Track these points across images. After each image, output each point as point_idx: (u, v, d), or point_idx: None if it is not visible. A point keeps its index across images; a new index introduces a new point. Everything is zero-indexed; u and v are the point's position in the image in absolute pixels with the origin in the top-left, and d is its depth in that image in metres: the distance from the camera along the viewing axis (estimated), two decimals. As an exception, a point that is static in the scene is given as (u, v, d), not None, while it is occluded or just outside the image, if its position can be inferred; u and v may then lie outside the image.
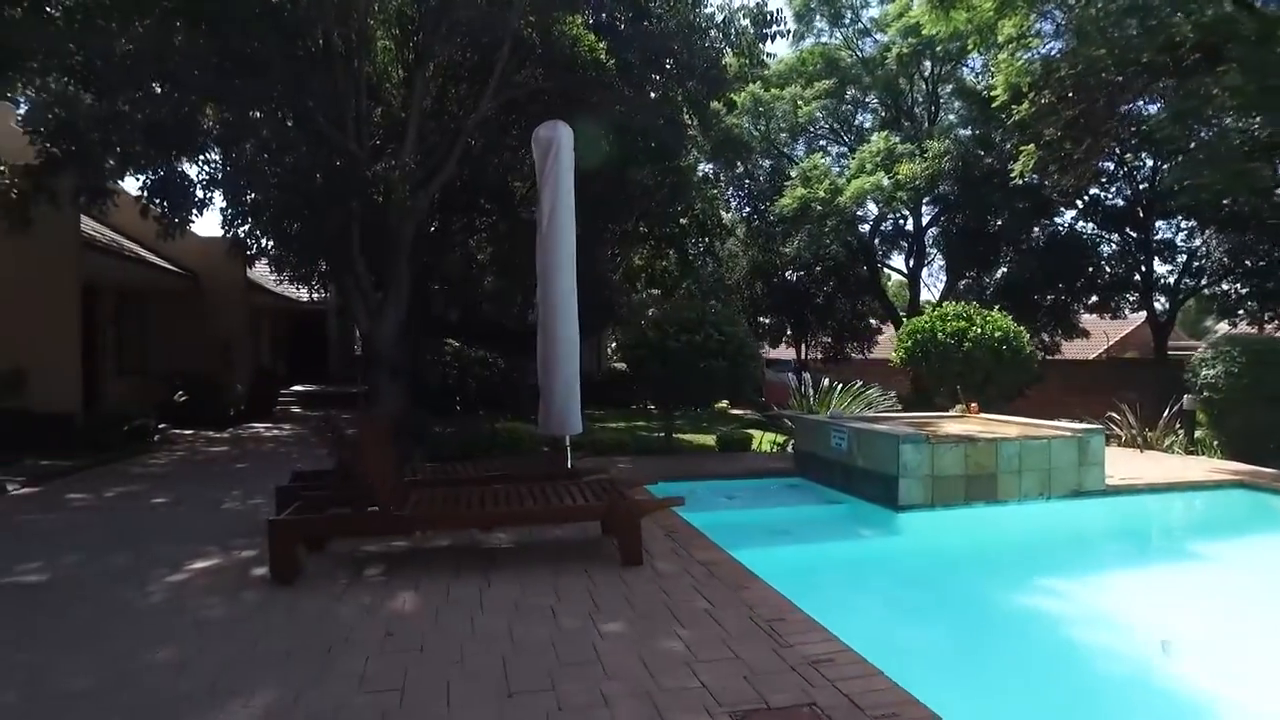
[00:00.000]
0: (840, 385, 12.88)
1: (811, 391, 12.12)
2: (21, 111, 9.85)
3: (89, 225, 13.82)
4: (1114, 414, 11.84)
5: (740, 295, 33.76)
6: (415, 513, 5.05)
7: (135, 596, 4.65)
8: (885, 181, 21.61)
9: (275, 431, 15.75)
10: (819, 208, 22.17)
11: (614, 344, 35.50)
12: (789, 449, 11.40)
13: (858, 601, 5.76)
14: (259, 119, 9.60)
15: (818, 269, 30.28)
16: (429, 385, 15.41)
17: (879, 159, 22.51)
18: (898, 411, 11.48)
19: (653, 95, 13.01)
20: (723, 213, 27.88)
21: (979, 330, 11.82)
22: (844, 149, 29.43)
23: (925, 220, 27.24)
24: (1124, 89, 16.20)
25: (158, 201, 9.53)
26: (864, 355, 32.56)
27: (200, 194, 10.10)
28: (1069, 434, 8.26)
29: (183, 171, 9.70)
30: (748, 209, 33.14)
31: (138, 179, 9.66)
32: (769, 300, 31.76)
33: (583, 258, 15.01)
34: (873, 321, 32.77)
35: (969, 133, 23.59)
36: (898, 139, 23.35)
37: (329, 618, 4.23)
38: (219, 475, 9.77)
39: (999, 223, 23.62)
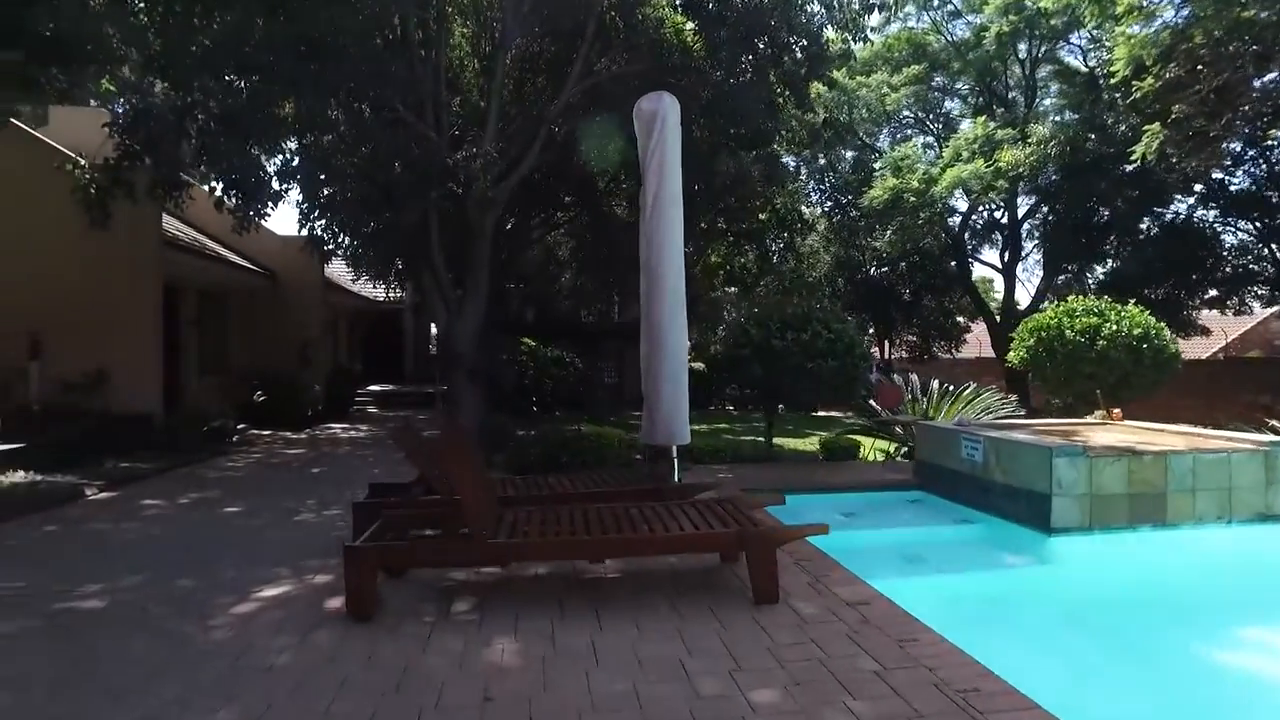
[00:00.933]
0: (949, 387, 11.80)
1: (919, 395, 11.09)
2: (95, 104, 9.60)
3: (170, 224, 13.69)
4: (1276, 420, 10.45)
5: (822, 292, 32.62)
6: (513, 541, 4.31)
7: (196, 632, 4.03)
8: (984, 169, 20.20)
9: (352, 433, 15.43)
10: (912, 199, 20.90)
11: (690, 342, 34.79)
12: (902, 458, 10.39)
13: (1032, 653, 4.79)
14: (336, 107, 9.10)
15: (902, 265, 28.90)
16: (504, 386, 14.87)
17: (976, 146, 21.08)
18: (1021, 418, 10.35)
19: (746, 77, 12.11)
20: (803, 207, 26.80)
21: (1114, 327, 10.56)
22: (930, 138, 27.98)
23: (1021, 211, 25.58)
24: (1264, 60, 14.57)
25: (232, 194, 9.13)
26: (952, 355, 31.04)
27: (276, 186, 9.67)
28: (1252, 447, 7.06)
29: (258, 162, 9.27)
30: (829, 203, 32.02)
31: (213, 171, 9.27)
32: (852, 297, 30.48)
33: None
34: (960, 319, 31.24)
35: (1073, 116, 21.90)
36: (995, 124, 21.86)
37: (415, 672, 3.51)
38: (294, 481, 9.31)
39: (1106, 212, 21.91)
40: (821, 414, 21.05)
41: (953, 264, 27.92)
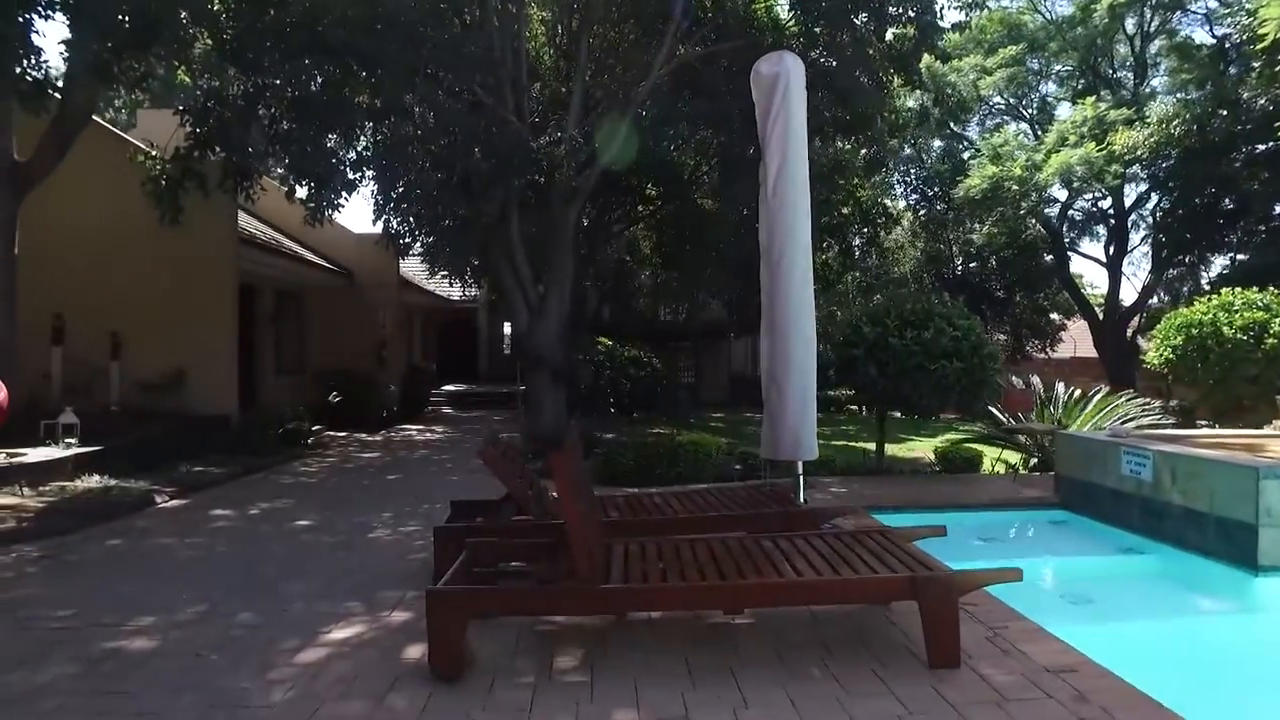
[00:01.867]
0: (1076, 391, 10.58)
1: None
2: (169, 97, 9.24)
3: (247, 222, 13.45)
4: None
5: (907, 289, 31.20)
6: (633, 587, 3.52)
7: (254, 689, 3.36)
8: (1095, 154, 18.63)
9: (428, 435, 14.99)
10: (1014, 187, 19.45)
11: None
12: (1030, 470, 9.27)
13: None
14: (412, 90, 8.51)
15: (992, 259, 27.31)
16: (581, 386, 14.19)
17: (1085, 129, 19.50)
18: (1173, 427, 9.11)
19: (846, 54, 11.11)
20: (886, 200, 25.49)
21: (1286, 323, 9.23)
22: (1023, 124, 26.27)
23: (1130, 199, 23.70)
24: None
25: (304, 183, 8.63)
26: (1047, 354, 29.28)
27: (349, 175, 9.14)
28: None
29: (331, 149, 8.75)
30: (915, 195, 30.62)
31: (284, 160, 8.80)
32: (940, 294, 28.96)
33: (746, 244, 13.29)
34: (1055, 317, 29.47)
35: (1195, 93, 20.05)
36: (1106, 105, 20.21)
37: (519, 761, 2.75)
38: (370, 489, 8.76)
39: (1231, 198, 20.02)
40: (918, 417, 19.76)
41: (1048, 257, 26.20)
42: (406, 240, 10.93)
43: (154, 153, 8.85)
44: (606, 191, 13.65)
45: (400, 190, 9.77)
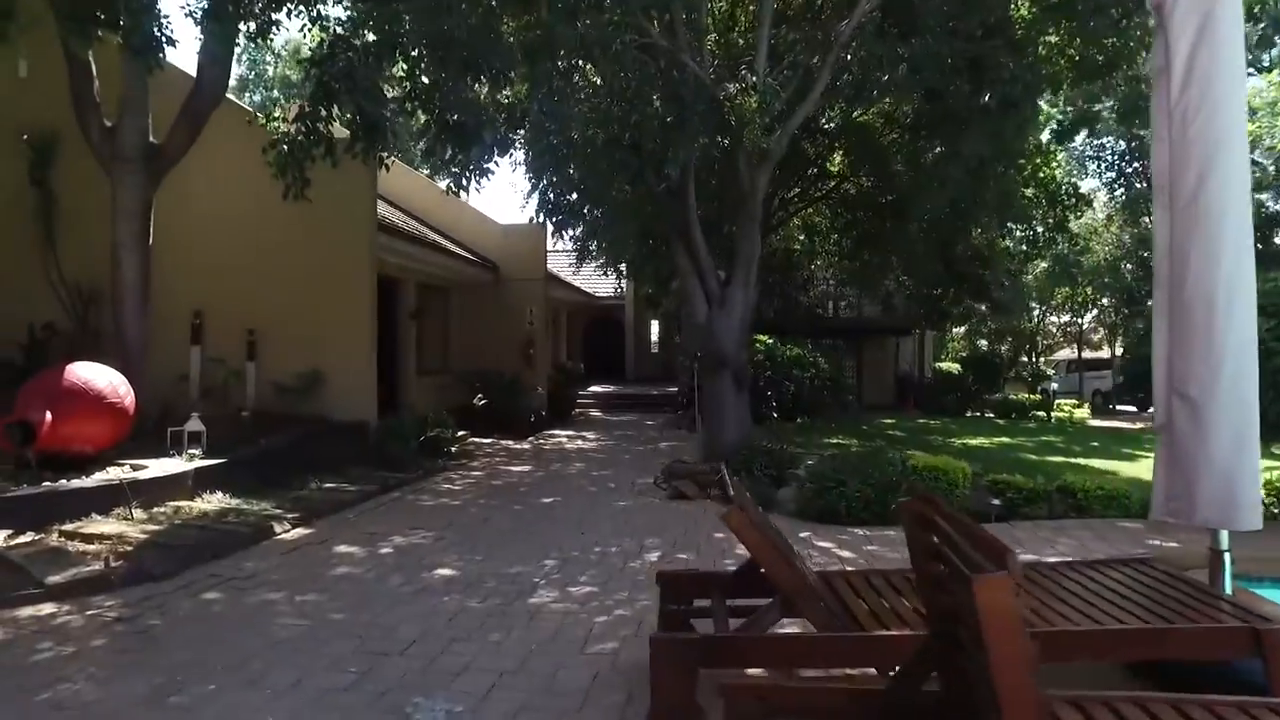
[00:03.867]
0: None
1: None
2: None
3: (387, 211, 12.37)
4: None
5: (1101, 279, 27.49)
6: None
7: None
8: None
9: (579, 443, 13.48)
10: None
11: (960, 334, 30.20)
12: None
13: None
14: (575, 20, 6.86)
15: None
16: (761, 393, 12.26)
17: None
18: None
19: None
20: (1076, 180, 22.09)
21: None
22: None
23: None
24: None
25: (447, 143, 7.13)
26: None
27: (499, 133, 7.63)
28: None
29: (478, 100, 7.22)
30: (1111, 172, 27.04)
31: (423, 113, 7.35)
32: (1144, 285, 25.16)
33: (954, 222, 10.93)
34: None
35: None
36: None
37: None
38: (523, 517, 7.19)
39: None
40: (1101, 424, 16.52)
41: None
42: (562, 216, 9.23)
43: (277, 111, 7.63)
44: (784, 162, 11.62)
45: (558, 151, 8.11)
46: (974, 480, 7.00)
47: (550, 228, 9.95)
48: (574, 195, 8.52)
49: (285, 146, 7.05)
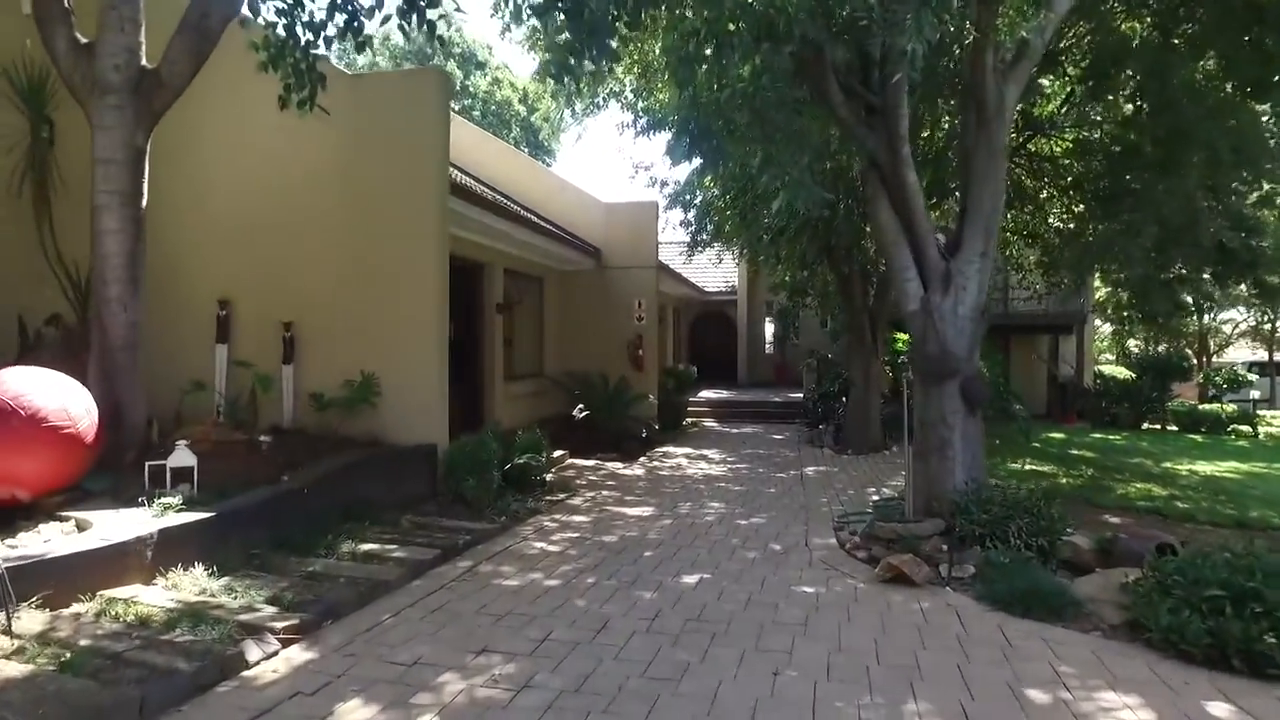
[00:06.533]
0: None
1: None
2: None
3: (461, 179, 9.83)
4: None
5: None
6: None
7: None
8: None
9: (703, 465, 10.62)
10: None
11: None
12: None
13: None
14: None
15: None
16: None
17: None
18: None
19: None
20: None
21: None
22: None
23: None
24: None
25: (563, 27, 4.36)
26: None
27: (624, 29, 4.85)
28: None
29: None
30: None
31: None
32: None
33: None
34: None
35: None
36: None
37: None
38: (663, 629, 4.31)
39: None
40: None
41: None
42: (709, 152, 6.17)
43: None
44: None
45: (700, 68, 5.22)
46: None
47: (692, 169, 6.99)
48: (722, 122, 5.60)
49: (283, 21, 4.44)
